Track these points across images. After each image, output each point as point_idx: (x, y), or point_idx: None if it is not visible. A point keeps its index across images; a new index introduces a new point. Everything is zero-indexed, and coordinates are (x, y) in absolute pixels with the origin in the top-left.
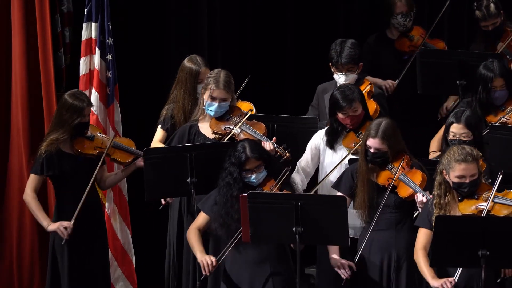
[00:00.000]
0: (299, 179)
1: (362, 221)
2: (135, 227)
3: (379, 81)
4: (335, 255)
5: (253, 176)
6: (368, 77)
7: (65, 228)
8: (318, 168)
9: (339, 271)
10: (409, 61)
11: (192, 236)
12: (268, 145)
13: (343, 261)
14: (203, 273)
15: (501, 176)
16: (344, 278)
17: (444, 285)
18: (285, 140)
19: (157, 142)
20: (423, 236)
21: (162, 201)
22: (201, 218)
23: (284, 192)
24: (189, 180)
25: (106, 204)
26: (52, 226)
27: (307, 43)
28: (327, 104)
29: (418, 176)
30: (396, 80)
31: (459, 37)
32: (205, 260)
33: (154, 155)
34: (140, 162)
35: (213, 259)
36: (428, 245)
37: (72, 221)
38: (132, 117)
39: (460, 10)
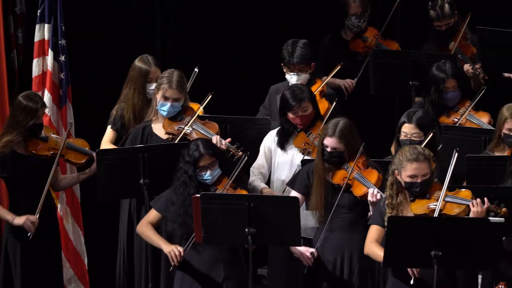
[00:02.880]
0: (259, 181)
1: (317, 221)
2: (87, 228)
3: (337, 80)
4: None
5: (208, 173)
6: (327, 78)
7: (32, 222)
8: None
9: (301, 258)
10: (363, 62)
11: (147, 229)
12: (221, 143)
13: (304, 249)
14: (172, 264)
15: (456, 154)
16: (307, 265)
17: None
18: (238, 141)
19: (107, 142)
20: (375, 231)
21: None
22: (153, 214)
23: (238, 192)
24: (141, 181)
25: (59, 205)
26: (18, 220)
27: (261, 43)
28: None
29: (373, 176)
30: (355, 79)
31: (412, 38)
32: (172, 251)
33: (107, 156)
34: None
35: (181, 249)
36: (380, 240)
37: (37, 216)
38: (85, 118)
39: (413, 10)
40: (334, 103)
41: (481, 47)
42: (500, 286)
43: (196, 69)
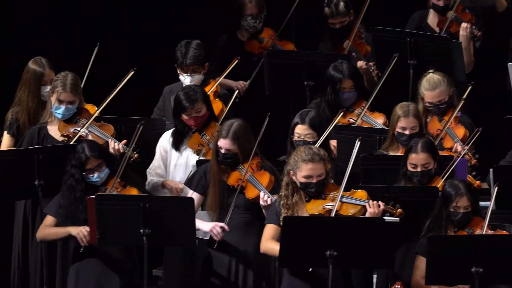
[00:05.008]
0: (156, 178)
1: (213, 221)
2: None
3: (230, 82)
4: (201, 224)
5: (95, 175)
6: (220, 79)
7: None
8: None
9: (211, 233)
10: (258, 62)
11: (48, 229)
12: (116, 145)
13: (213, 223)
14: (82, 244)
15: (359, 143)
16: (217, 240)
17: None
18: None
19: (5, 148)
20: (270, 229)
21: None
22: (49, 220)
23: (128, 190)
24: (36, 182)
25: None
26: None
27: (154, 44)
28: None
29: (265, 178)
30: (248, 81)
31: (307, 38)
32: (80, 232)
33: (1, 158)
34: None
35: (88, 228)
36: (275, 238)
37: None
38: None
39: (308, 12)
40: (229, 105)
41: (375, 46)
42: (397, 286)
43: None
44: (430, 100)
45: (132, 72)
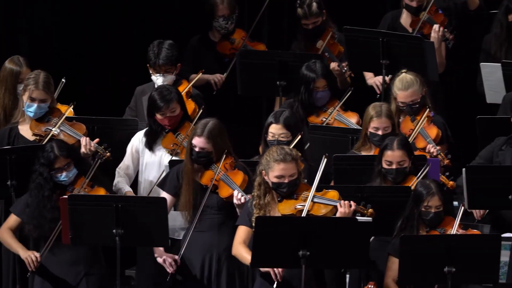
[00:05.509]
0: (124, 184)
1: (186, 221)
2: None
3: (206, 76)
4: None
5: (64, 174)
6: (193, 79)
7: None
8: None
9: (164, 265)
10: (230, 63)
11: (7, 236)
12: (88, 143)
13: (166, 256)
14: (29, 269)
15: (325, 160)
16: (170, 272)
17: None
18: (106, 142)
19: None
20: (242, 232)
21: None
22: (12, 219)
23: (95, 191)
24: (9, 182)
25: None
26: None
27: (126, 44)
28: (146, 106)
29: (239, 177)
30: (224, 74)
31: (279, 39)
32: (29, 256)
33: None
34: None
35: (37, 254)
36: (247, 241)
37: None
38: None
39: (279, 12)
40: (203, 106)
41: (347, 46)
42: (370, 286)
43: (63, 80)
44: (402, 100)
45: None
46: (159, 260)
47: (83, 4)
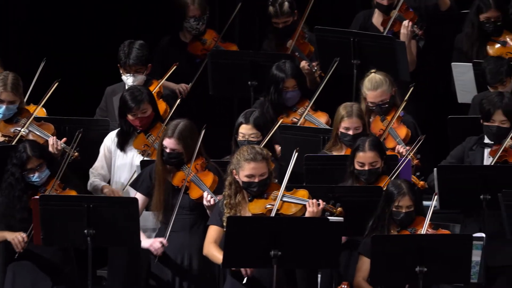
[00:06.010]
0: (99, 181)
1: (158, 221)
2: None
3: (172, 85)
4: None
5: (36, 175)
6: (162, 81)
7: None
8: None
9: (151, 248)
10: (201, 64)
11: None
12: (56, 143)
13: (152, 240)
14: (16, 250)
15: (296, 154)
16: (157, 254)
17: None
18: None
19: None
20: (213, 232)
21: None
22: None
23: (67, 192)
24: None
25: None
26: None
27: (97, 44)
28: (116, 106)
29: (209, 178)
30: (190, 84)
31: (251, 39)
32: (16, 237)
33: None
34: None
35: (24, 235)
36: (218, 241)
37: None
38: None
39: (251, 13)
40: (175, 106)
41: (318, 46)
42: (343, 286)
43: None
44: (372, 100)
45: (56, 84)
46: (146, 245)
47: (54, 4)
